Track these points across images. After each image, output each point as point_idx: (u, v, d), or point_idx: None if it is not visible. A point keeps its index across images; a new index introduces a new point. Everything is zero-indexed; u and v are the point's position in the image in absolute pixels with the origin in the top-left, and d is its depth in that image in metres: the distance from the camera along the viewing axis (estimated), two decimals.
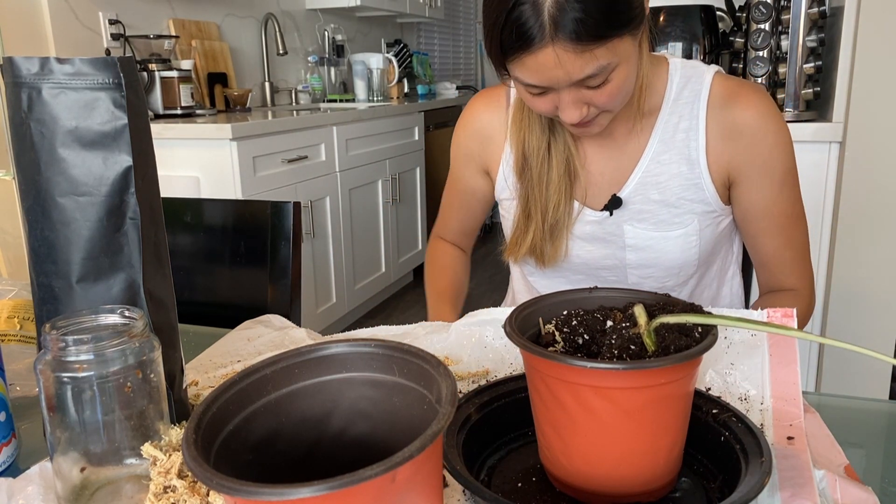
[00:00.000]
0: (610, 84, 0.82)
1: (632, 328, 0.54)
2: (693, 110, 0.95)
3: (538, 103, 0.86)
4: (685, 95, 0.96)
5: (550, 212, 0.99)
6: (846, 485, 0.53)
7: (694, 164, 0.95)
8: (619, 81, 0.82)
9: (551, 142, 0.97)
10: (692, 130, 0.95)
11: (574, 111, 0.84)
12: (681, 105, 0.96)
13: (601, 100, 0.83)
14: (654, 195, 0.97)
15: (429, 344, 0.82)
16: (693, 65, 0.98)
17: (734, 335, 0.74)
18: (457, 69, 5.70)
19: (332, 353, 0.49)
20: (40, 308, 0.60)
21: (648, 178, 0.97)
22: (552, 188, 0.98)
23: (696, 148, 0.95)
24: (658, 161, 0.96)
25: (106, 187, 0.57)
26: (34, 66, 0.56)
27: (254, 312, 0.96)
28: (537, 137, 0.98)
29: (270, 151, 2.48)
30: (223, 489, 0.35)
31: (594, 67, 0.78)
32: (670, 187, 0.96)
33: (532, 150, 0.98)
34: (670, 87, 0.96)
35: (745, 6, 1.97)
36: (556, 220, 0.99)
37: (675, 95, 0.96)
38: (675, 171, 0.96)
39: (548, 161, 0.98)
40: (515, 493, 0.56)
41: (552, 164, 0.97)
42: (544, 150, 0.98)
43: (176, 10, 2.91)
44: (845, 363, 1.95)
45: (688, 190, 0.96)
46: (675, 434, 0.52)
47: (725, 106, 0.94)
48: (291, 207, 1.16)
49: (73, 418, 0.52)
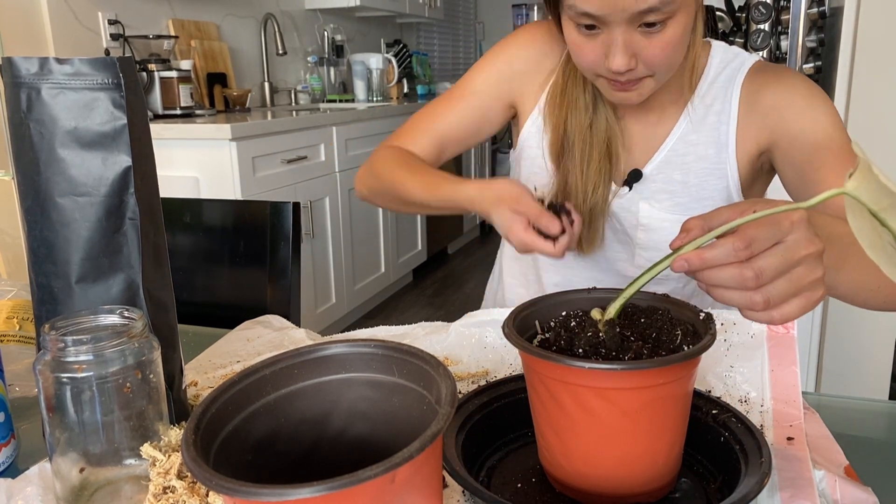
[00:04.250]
0: (665, 33, 0.79)
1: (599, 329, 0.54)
2: (727, 94, 0.93)
3: (587, 49, 0.83)
4: (721, 79, 0.94)
5: (590, 193, 0.95)
6: (846, 485, 0.53)
7: (722, 149, 0.93)
8: (673, 33, 0.80)
9: (594, 121, 0.94)
10: (724, 114, 0.93)
11: (624, 56, 0.80)
12: (716, 88, 0.94)
13: (653, 51, 0.80)
14: (676, 175, 0.95)
15: (428, 344, 0.81)
16: (736, 51, 0.96)
17: (733, 337, 0.74)
18: (456, 69, 5.70)
19: (331, 353, 0.49)
20: (39, 308, 0.59)
21: (674, 157, 0.95)
22: (593, 167, 0.94)
23: (727, 132, 0.93)
24: (686, 141, 0.95)
25: (105, 188, 0.57)
26: (33, 66, 0.56)
27: (253, 313, 0.96)
28: (580, 115, 0.94)
29: (270, 152, 2.48)
30: (222, 490, 0.35)
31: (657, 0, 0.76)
32: (694, 170, 0.94)
33: (574, 128, 0.95)
34: (709, 69, 0.94)
35: (745, 6, 1.97)
36: (595, 202, 0.95)
37: (712, 78, 0.94)
38: (701, 153, 0.94)
39: (590, 140, 0.94)
40: (515, 494, 0.56)
41: (594, 145, 0.94)
42: (587, 128, 0.94)
43: (175, 10, 2.91)
44: (845, 364, 1.95)
45: (711, 175, 0.94)
46: (674, 434, 0.52)
47: (759, 90, 0.92)
48: (291, 208, 1.16)
49: (73, 419, 0.52)
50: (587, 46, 0.83)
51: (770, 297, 0.51)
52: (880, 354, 1.93)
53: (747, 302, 0.52)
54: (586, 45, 0.83)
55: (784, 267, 0.51)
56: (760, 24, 1.91)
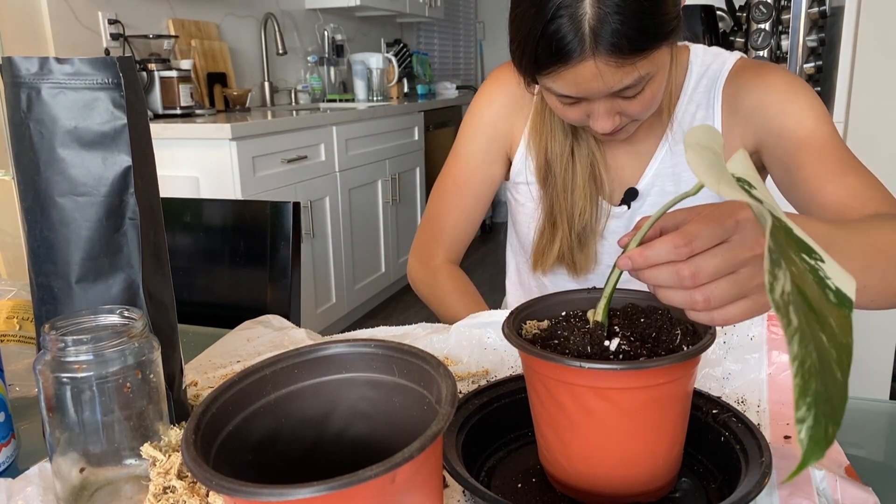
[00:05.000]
0: (645, 93, 0.80)
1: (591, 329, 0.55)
2: (709, 98, 0.93)
3: (569, 112, 0.84)
4: (703, 83, 0.94)
5: (577, 219, 0.96)
6: (846, 485, 0.53)
7: None
8: (654, 90, 0.81)
9: (574, 147, 0.95)
10: (708, 119, 0.93)
11: (607, 121, 0.82)
12: (698, 94, 0.94)
13: (635, 109, 0.82)
14: (669, 187, 0.95)
15: (429, 345, 0.81)
16: (716, 52, 0.95)
17: (732, 339, 0.74)
18: (456, 69, 5.70)
19: (331, 353, 0.49)
20: (39, 308, 0.59)
21: (665, 168, 0.95)
22: (577, 194, 0.95)
23: None
24: (673, 152, 0.95)
25: (105, 187, 0.57)
26: (33, 65, 0.56)
27: (253, 313, 0.96)
28: (560, 143, 0.95)
29: (270, 151, 2.48)
30: (223, 490, 0.35)
31: (633, 79, 0.76)
32: (685, 179, 0.95)
33: (555, 156, 0.96)
34: (689, 77, 0.94)
35: (746, 6, 1.97)
36: (584, 225, 0.97)
37: (693, 84, 0.94)
38: None
39: (572, 167, 0.95)
40: (515, 494, 0.56)
41: (576, 170, 0.95)
42: (567, 155, 0.95)
43: (175, 9, 2.91)
44: None
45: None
46: (674, 434, 0.52)
47: (740, 91, 0.91)
48: (291, 207, 1.16)
49: (73, 419, 0.52)
50: (569, 111, 0.84)
51: (711, 296, 0.49)
52: (880, 354, 1.93)
53: (688, 301, 0.50)
54: (568, 110, 0.84)
55: (726, 267, 0.49)
56: (761, 23, 1.91)
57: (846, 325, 0.37)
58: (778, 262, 0.36)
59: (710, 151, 0.46)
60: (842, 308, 0.38)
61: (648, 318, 0.57)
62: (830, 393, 0.33)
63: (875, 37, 1.77)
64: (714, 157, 0.46)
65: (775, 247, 0.37)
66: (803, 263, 0.39)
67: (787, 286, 0.35)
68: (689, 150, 0.46)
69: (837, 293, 0.38)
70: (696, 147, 0.46)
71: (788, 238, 0.40)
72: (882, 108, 1.79)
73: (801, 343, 0.33)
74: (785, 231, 0.41)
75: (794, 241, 0.41)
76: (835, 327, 0.36)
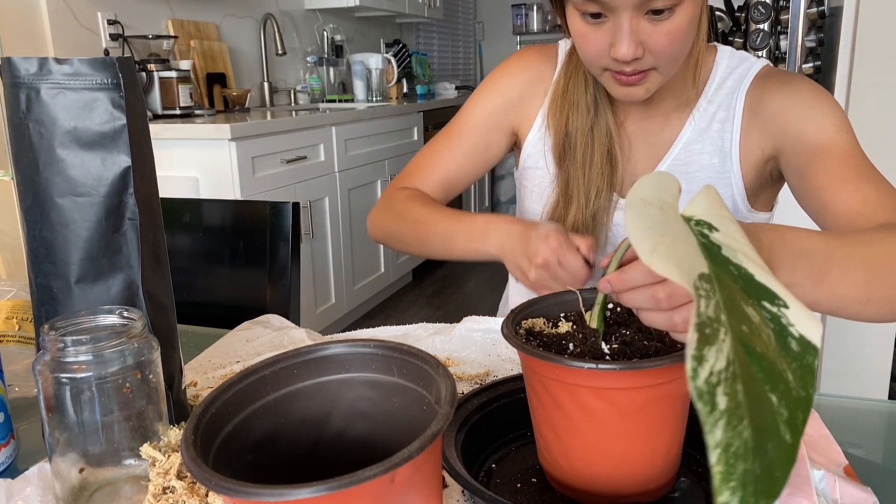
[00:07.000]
0: (672, 21, 0.78)
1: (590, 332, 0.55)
2: (731, 102, 0.92)
3: (592, 38, 0.81)
4: (727, 85, 0.93)
5: (592, 198, 0.95)
6: (846, 485, 0.53)
7: (726, 158, 0.92)
8: (680, 21, 0.78)
9: (594, 124, 0.94)
10: (727, 122, 0.92)
11: (630, 44, 0.78)
12: (721, 95, 0.93)
13: (659, 39, 0.79)
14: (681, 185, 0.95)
15: (431, 345, 0.82)
16: (742, 56, 0.94)
17: None
18: (456, 69, 5.70)
19: (331, 353, 0.49)
20: (39, 309, 0.59)
21: (678, 166, 0.94)
22: (595, 170, 0.94)
23: (731, 141, 0.92)
24: (689, 150, 0.94)
25: (104, 188, 0.57)
26: (33, 66, 0.56)
27: (253, 313, 0.96)
28: (582, 117, 0.94)
29: (269, 152, 2.48)
30: (222, 490, 0.35)
31: None
32: (699, 179, 0.93)
33: (576, 129, 0.95)
34: (714, 76, 0.93)
35: (744, 6, 1.97)
36: (597, 209, 0.95)
37: (717, 84, 0.93)
38: (706, 162, 0.93)
39: (591, 142, 0.94)
40: (514, 494, 0.56)
41: (595, 147, 0.94)
42: (588, 130, 0.94)
43: (175, 10, 2.91)
44: (845, 363, 1.95)
45: (715, 184, 0.91)
46: (673, 434, 0.52)
47: (763, 95, 0.90)
48: (290, 208, 1.16)
49: (72, 419, 0.52)
50: (593, 36, 0.81)
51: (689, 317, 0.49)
52: (880, 354, 1.93)
53: (668, 323, 0.50)
54: (592, 34, 0.81)
55: None
56: (760, 23, 1.91)
57: (808, 374, 0.36)
58: (711, 338, 0.34)
59: (656, 207, 0.44)
60: (805, 356, 0.37)
61: None
62: (771, 462, 0.31)
63: (874, 37, 1.77)
64: (658, 215, 0.44)
65: (714, 315, 0.35)
66: (763, 313, 0.38)
67: (719, 364, 0.33)
68: (628, 209, 0.44)
69: (801, 340, 0.37)
70: (639, 205, 0.44)
71: (748, 287, 0.38)
72: (881, 108, 1.79)
73: (728, 426, 0.31)
74: (744, 280, 0.39)
75: (754, 289, 0.39)
76: (791, 381, 0.35)
